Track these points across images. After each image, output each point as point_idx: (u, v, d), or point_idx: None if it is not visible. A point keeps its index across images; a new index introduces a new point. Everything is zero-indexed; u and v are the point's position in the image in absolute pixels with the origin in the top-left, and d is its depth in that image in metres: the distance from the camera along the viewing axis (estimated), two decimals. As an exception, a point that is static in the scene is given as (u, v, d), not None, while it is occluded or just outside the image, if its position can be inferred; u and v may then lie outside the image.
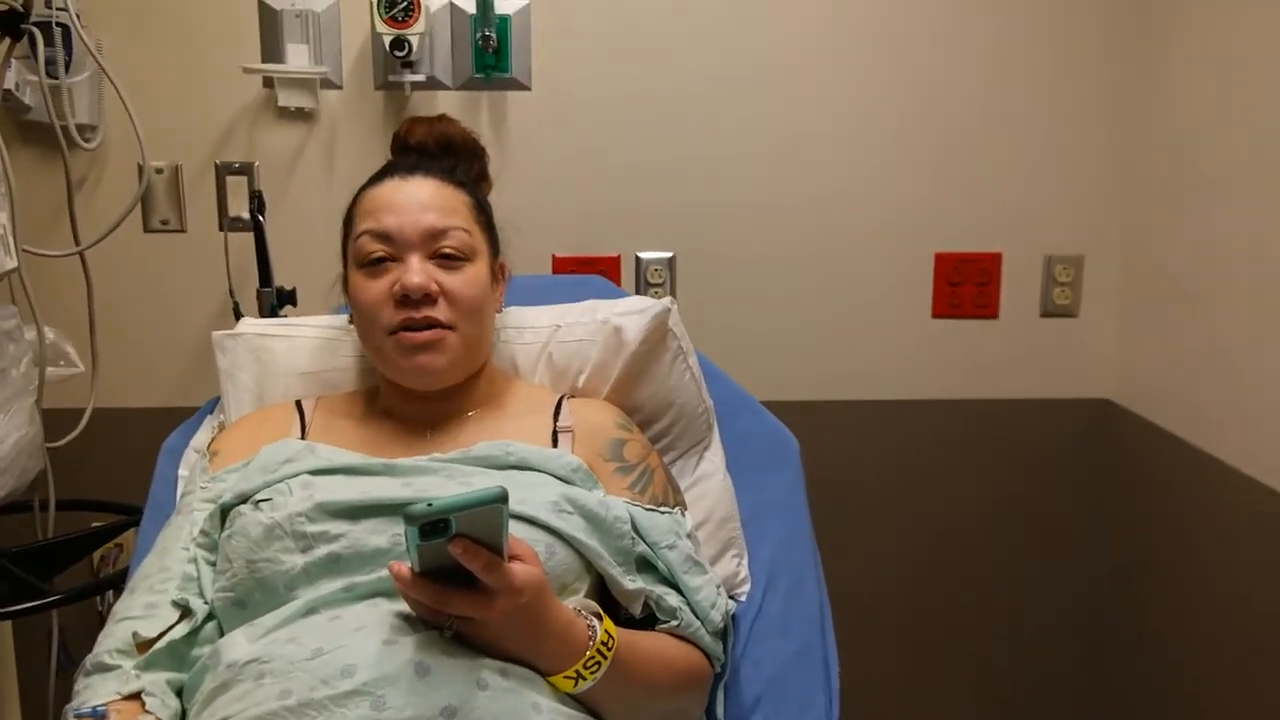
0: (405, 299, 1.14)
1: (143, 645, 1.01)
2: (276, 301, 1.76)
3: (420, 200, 1.18)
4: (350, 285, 1.21)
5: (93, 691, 0.98)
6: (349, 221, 1.23)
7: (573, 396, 1.31)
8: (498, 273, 1.27)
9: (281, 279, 1.77)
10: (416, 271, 1.14)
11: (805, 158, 1.94)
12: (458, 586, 0.90)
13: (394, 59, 1.82)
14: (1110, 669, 2.02)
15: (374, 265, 1.17)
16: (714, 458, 1.39)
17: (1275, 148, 1.51)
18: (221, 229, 1.91)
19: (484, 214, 1.25)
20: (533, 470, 1.12)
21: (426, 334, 1.15)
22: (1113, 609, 2.00)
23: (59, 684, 1.76)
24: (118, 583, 1.45)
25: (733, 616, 1.29)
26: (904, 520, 2.05)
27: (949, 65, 1.92)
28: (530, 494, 1.06)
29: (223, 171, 1.91)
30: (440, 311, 1.15)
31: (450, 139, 1.31)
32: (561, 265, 1.95)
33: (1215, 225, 1.67)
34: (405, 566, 0.90)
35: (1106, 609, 2.02)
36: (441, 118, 1.33)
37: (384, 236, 1.16)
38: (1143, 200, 1.89)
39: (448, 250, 1.17)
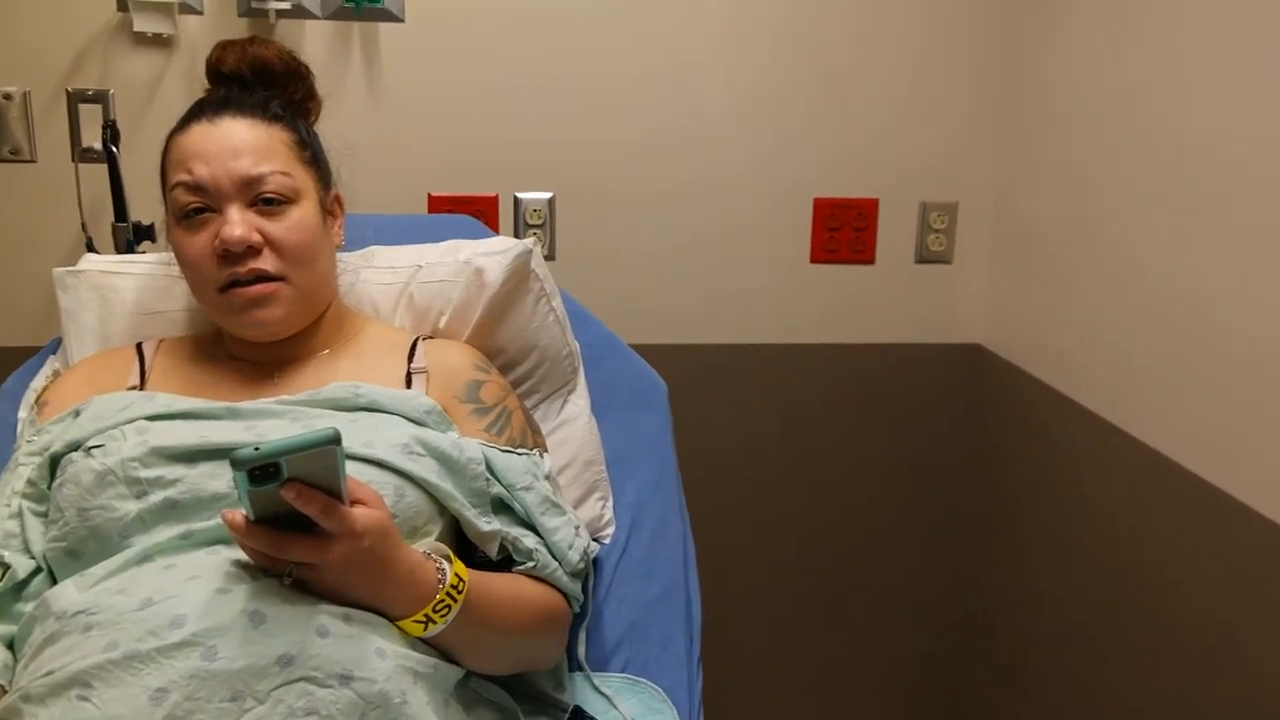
0: (228, 254, 1.08)
1: None
2: (133, 237, 1.69)
3: (231, 145, 1.10)
4: (172, 239, 1.14)
5: None
6: (163, 171, 1.15)
7: (431, 338, 1.28)
8: (332, 207, 1.21)
9: (139, 214, 1.69)
10: (236, 224, 1.08)
11: (683, 93, 1.91)
12: (296, 532, 0.88)
13: (258, -16, 1.74)
14: (984, 609, 2.09)
15: (192, 218, 1.10)
16: (579, 401, 1.39)
17: (1144, 104, 1.54)
18: (74, 160, 1.81)
19: (308, 148, 1.18)
20: (383, 412, 1.09)
21: (257, 288, 1.10)
22: (982, 546, 2.06)
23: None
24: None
25: (595, 559, 1.29)
26: (775, 464, 2.07)
27: (823, 7, 1.90)
28: (379, 436, 1.04)
29: (75, 99, 1.81)
30: (267, 262, 1.10)
31: (266, 64, 1.22)
32: (437, 204, 1.90)
33: (1080, 180, 1.70)
34: (239, 514, 0.87)
35: (977, 546, 2.08)
36: (254, 40, 1.23)
37: (197, 188, 1.09)
38: (1013, 151, 1.92)
39: (268, 195, 1.10)
